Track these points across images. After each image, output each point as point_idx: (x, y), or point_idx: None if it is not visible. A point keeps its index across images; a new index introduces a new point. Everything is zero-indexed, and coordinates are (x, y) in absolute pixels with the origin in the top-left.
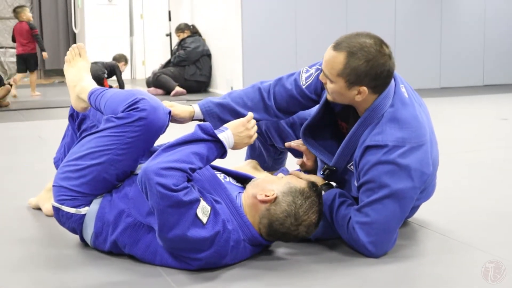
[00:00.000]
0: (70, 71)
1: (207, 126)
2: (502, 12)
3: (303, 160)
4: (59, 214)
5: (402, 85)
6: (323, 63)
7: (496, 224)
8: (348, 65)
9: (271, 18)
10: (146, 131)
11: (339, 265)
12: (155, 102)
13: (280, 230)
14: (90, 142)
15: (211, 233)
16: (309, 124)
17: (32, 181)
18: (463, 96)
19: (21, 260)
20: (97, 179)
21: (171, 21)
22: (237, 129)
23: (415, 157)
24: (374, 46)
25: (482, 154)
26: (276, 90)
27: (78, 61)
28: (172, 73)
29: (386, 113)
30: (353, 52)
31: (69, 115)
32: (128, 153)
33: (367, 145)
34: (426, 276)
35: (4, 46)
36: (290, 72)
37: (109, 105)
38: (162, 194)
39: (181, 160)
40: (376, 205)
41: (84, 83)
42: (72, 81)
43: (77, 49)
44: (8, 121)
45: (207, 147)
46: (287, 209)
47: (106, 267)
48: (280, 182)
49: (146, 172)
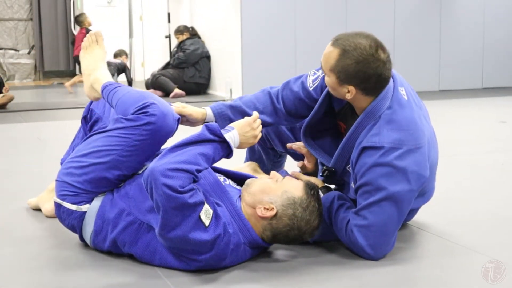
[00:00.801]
0: (86, 58)
1: (214, 127)
2: (501, 15)
3: (303, 162)
4: (60, 211)
5: (402, 88)
6: (322, 56)
7: (495, 227)
8: (339, 62)
9: (270, 20)
10: (153, 136)
11: (338, 267)
12: (165, 108)
13: (285, 240)
14: (97, 141)
15: (212, 236)
16: (309, 123)
17: (30, 183)
18: (462, 98)
19: (20, 261)
20: (100, 178)
21: (170, 23)
22: (243, 129)
23: (412, 160)
24: (369, 49)
25: (481, 156)
26: (284, 94)
27: (94, 48)
28: (172, 75)
29: (383, 115)
30: (346, 50)
31: (82, 117)
32: (133, 155)
33: (363, 146)
34: (425, 278)
35: (3, 47)
36: (289, 73)
37: (120, 105)
38: (168, 195)
39: (187, 161)
40: (373, 207)
41: (98, 73)
42: (87, 69)
43: (94, 36)
44: (7, 123)
45: (214, 147)
46: (289, 223)
47: (105, 268)
48: (277, 190)
49: (152, 172)
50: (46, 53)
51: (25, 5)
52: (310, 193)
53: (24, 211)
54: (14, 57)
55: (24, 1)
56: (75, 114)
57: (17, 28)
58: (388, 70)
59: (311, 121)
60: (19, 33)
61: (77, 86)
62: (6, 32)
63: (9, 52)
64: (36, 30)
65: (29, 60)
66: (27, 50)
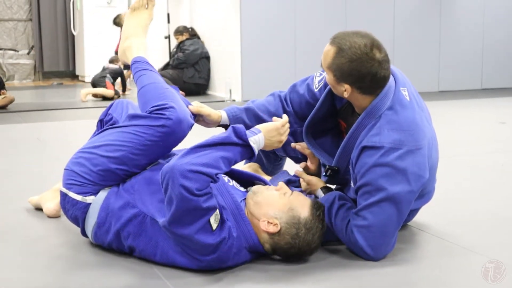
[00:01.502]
0: (130, 20)
1: (241, 130)
2: (500, 16)
3: (306, 164)
4: (65, 200)
5: (404, 88)
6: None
7: (495, 227)
8: (335, 60)
9: (270, 20)
10: (165, 139)
11: (338, 268)
12: (183, 113)
13: (283, 255)
14: (110, 135)
15: (218, 240)
16: (311, 121)
17: (30, 183)
18: (462, 99)
19: (19, 262)
20: (108, 171)
21: (169, 24)
22: (270, 133)
23: (412, 160)
24: (363, 48)
25: (481, 157)
26: (291, 97)
27: (142, 12)
28: (171, 75)
29: (383, 115)
30: (342, 49)
31: (99, 120)
32: (143, 155)
33: (363, 146)
34: (424, 279)
35: (3, 48)
36: (288, 73)
37: (143, 94)
38: (183, 196)
39: (209, 164)
40: (373, 208)
41: (135, 42)
42: (127, 32)
43: (146, 0)
44: (7, 123)
45: (237, 151)
46: (291, 242)
47: (105, 269)
48: (284, 206)
49: (172, 169)
50: (45, 54)
51: (25, 5)
52: (316, 214)
53: (24, 211)
54: (14, 57)
55: (24, 2)
56: (75, 115)
57: (17, 29)
58: (385, 70)
59: (313, 119)
60: (19, 34)
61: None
62: (5, 33)
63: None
64: (36, 30)
65: (29, 61)
66: (26, 50)
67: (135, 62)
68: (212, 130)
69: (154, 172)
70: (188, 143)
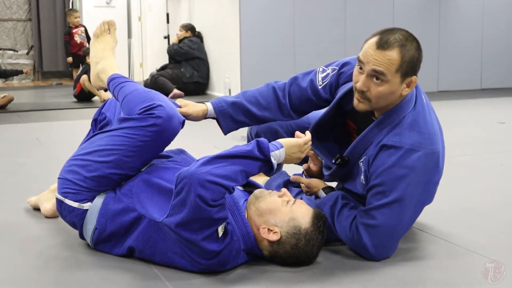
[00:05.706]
0: (96, 46)
1: (264, 145)
2: (500, 17)
3: (308, 165)
4: (62, 207)
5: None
6: (373, 68)
7: (495, 228)
8: (404, 58)
9: (269, 20)
10: (157, 138)
11: (338, 268)
12: (171, 110)
13: (281, 263)
14: (101, 140)
15: (221, 247)
16: (317, 124)
17: (29, 183)
18: (461, 99)
19: (20, 262)
20: (102, 177)
21: (169, 24)
22: (292, 149)
23: (429, 164)
24: (412, 35)
25: (480, 157)
26: (291, 89)
27: (105, 37)
28: (170, 75)
29: (407, 116)
30: (403, 44)
31: (93, 119)
32: (136, 156)
33: (383, 144)
34: (425, 280)
35: (2, 48)
36: (288, 73)
37: (127, 102)
38: (197, 205)
39: (228, 176)
40: (384, 209)
41: (106, 64)
42: (96, 57)
43: (107, 24)
44: (6, 123)
45: (257, 165)
46: (290, 251)
47: (104, 269)
48: (285, 215)
49: (191, 177)
50: (44, 54)
51: (24, 5)
52: (317, 225)
53: (23, 211)
54: (13, 57)
55: (23, 2)
56: (74, 115)
57: (16, 29)
58: None
59: (320, 123)
60: (18, 34)
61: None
62: (4, 33)
63: (8, 52)
64: (35, 30)
65: (28, 61)
66: (25, 50)
67: (112, 79)
68: (212, 130)
69: (150, 175)
70: (181, 143)
